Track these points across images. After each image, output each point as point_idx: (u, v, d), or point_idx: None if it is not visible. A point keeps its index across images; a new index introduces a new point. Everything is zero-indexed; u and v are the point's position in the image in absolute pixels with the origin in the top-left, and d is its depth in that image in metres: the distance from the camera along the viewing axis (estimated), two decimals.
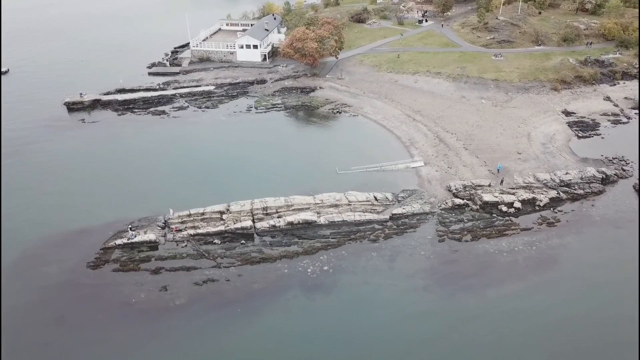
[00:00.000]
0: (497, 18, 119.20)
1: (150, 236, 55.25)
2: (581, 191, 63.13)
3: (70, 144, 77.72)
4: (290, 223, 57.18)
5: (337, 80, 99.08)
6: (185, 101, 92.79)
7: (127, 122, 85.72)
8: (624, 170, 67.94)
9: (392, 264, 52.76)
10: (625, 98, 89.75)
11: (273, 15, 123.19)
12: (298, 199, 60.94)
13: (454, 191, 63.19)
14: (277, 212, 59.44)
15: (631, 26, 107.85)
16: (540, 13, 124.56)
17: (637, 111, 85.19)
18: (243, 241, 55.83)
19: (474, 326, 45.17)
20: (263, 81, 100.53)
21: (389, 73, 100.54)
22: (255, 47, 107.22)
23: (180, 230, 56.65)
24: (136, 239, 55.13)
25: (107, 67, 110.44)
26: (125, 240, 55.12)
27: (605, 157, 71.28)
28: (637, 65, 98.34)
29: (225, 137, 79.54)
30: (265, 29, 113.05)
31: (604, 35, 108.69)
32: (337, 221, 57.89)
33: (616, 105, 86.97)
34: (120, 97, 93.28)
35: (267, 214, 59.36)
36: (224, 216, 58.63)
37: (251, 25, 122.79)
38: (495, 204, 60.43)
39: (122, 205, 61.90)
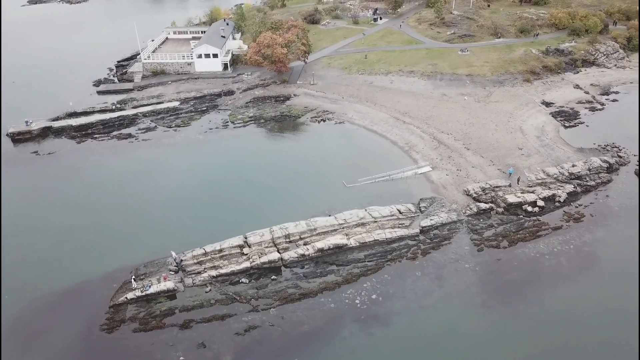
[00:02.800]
0: (451, 13, 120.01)
1: (168, 284, 47.97)
2: (592, 182, 63.64)
3: (28, 183, 66.92)
4: (321, 250, 52.25)
5: (310, 86, 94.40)
6: (151, 121, 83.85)
7: (91, 150, 75.68)
8: (620, 157, 69.57)
9: (440, 282, 49.57)
10: (592, 85, 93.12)
11: (225, 20, 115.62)
12: (320, 221, 56.00)
13: (474, 195, 61.23)
14: (300, 239, 54.19)
15: (578, 15, 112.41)
16: (489, 6, 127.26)
17: (607, 97, 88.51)
18: (274, 276, 50.15)
19: (551, 340, 43.06)
20: (231, 92, 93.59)
21: (361, 75, 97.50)
22: (215, 56, 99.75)
23: (174, 272, 49.94)
24: (151, 290, 47.63)
25: (47, 88, 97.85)
26: (138, 293, 47.44)
27: (599, 145, 72.79)
28: (594, 52, 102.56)
29: (210, 159, 72.37)
30: (222, 36, 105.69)
31: (555, 25, 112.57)
32: (369, 242, 53.76)
33: (587, 93, 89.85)
34: (74, 122, 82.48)
35: (290, 242, 53.92)
36: (245, 250, 52.44)
37: (202, 32, 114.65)
38: (519, 205, 59.17)
39: (116, 251, 53.72)
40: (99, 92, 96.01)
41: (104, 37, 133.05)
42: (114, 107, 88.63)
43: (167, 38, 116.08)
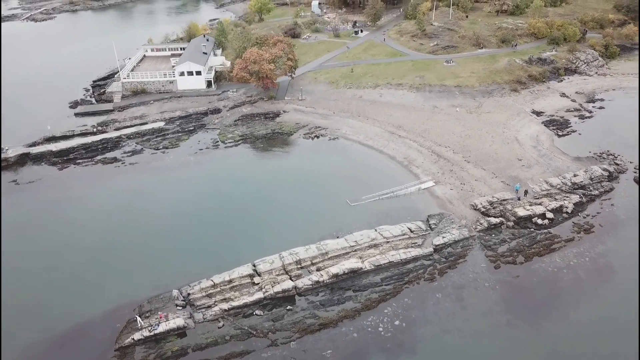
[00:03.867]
0: (432, 24, 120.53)
1: (178, 321, 44.69)
2: (596, 191, 63.61)
3: (10, 217, 62.09)
4: (335, 275, 49.95)
5: (298, 102, 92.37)
6: (137, 143, 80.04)
7: (75, 177, 71.37)
8: (617, 164, 70.04)
9: (462, 304, 47.95)
10: (577, 92, 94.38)
11: (204, 36, 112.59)
12: (331, 244, 53.74)
13: (482, 209, 60.20)
14: (312, 264, 51.78)
15: (555, 24, 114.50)
16: (467, 17, 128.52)
17: (593, 104, 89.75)
18: (289, 306, 47.49)
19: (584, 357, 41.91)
20: (217, 110, 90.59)
21: (349, 89, 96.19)
22: (198, 73, 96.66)
23: (182, 307, 46.88)
24: (159, 329, 44.25)
25: (20, 111, 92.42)
26: (145, 333, 43.97)
27: (594, 153, 73.23)
28: (575, 61, 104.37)
29: (205, 182, 69.18)
30: (204, 53, 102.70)
31: (535, 34, 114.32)
32: (384, 264, 51.78)
33: (574, 101, 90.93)
34: (53, 147, 77.91)
35: (302, 268, 51.44)
36: (256, 279, 49.59)
37: (182, 49, 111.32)
38: (528, 218, 58.40)
39: (115, 287, 50.14)
40: (76, 114, 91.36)
41: (74, 55, 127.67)
42: (95, 129, 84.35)
43: (144, 55, 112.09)
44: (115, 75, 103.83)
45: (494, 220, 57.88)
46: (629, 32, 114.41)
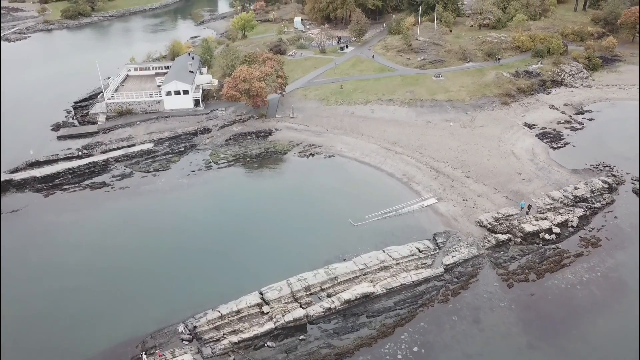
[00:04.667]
0: (417, 39, 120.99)
1: (186, 358, 42.07)
2: (598, 204, 63.54)
3: None
4: (347, 301, 48.09)
5: (290, 119, 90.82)
6: (125, 166, 77.11)
7: (62, 204, 68.00)
8: (614, 176, 70.31)
9: (480, 326, 46.61)
10: (565, 104, 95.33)
11: (189, 54, 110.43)
12: (339, 268, 51.90)
13: (488, 226, 59.34)
14: (322, 290, 49.82)
15: (538, 37, 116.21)
16: (451, 31, 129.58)
17: (583, 116, 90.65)
18: (302, 336, 45.37)
19: None
20: (207, 130, 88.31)
21: (340, 105, 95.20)
22: (186, 92, 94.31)
23: (189, 341, 44.37)
24: None
25: None
26: None
27: (591, 165, 73.48)
28: (560, 73, 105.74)
29: (200, 205, 66.69)
30: (190, 71, 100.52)
31: (519, 48, 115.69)
32: (395, 287, 50.18)
33: (563, 113, 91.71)
34: (37, 172, 74.37)
35: (311, 294, 49.41)
36: (265, 308, 47.33)
37: (166, 67, 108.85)
38: (536, 233, 57.73)
39: (115, 322, 47.36)
40: (59, 137, 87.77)
41: (52, 76, 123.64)
42: (80, 153, 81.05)
43: (127, 75, 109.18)
44: (99, 96, 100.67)
45: (501, 237, 56.99)
46: (608, 44, 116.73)
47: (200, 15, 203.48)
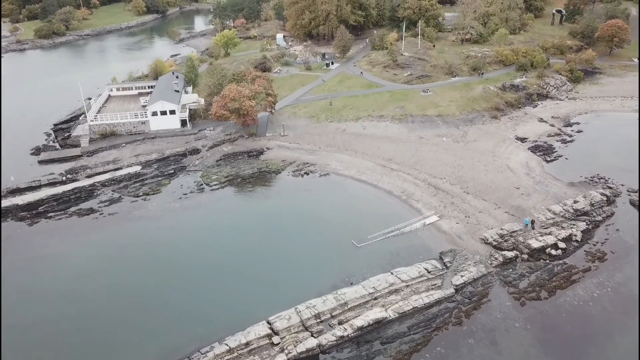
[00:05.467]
0: (402, 54, 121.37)
1: None
2: (599, 217, 63.53)
3: None
4: (360, 328, 46.26)
5: (281, 137, 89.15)
6: (113, 191, 74.01)
7: (48, 233, 64.47)
8: (610, 188, 70.65)
9: (497, 348, 45.37)
10: (553, 117, 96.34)
11: (173, 73, 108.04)
12: (349, 293, 50.10)
13: (493, 243, 58.54)
14: (332, 317, 47.88)
15: (521, 51, 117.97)
16: (434, 46, 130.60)
17: (571, 128, 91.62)
18: None
19: None
20: (196, 151, 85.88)
21: (330, 122, 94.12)
22: (172, 112, 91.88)
23: None
24: None
25: None
26: None
27: (586, 178, 73.78)
28: (545, 86, 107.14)
29: (195, 230, 64.14)
30: (176, 90, 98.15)
31: (502, 62, 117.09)
32: (408, 310, 48.63)
33: (552, 126, 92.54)
34: (19, 200, 70.74)
35: (322, 322, 47.41)
36: (275, 339, 45.09)
37: (150, 87, 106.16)
38: (542, 249, 57.14)
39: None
40: (40, 162, 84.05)
41: (28, 98, 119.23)
42: (64, 178, 77.60)
43: (109, 95, 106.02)
44: (80, 117, 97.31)
45: (509, 254, 56.18)
46: (588, 56, 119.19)
47: (177, 33, 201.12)
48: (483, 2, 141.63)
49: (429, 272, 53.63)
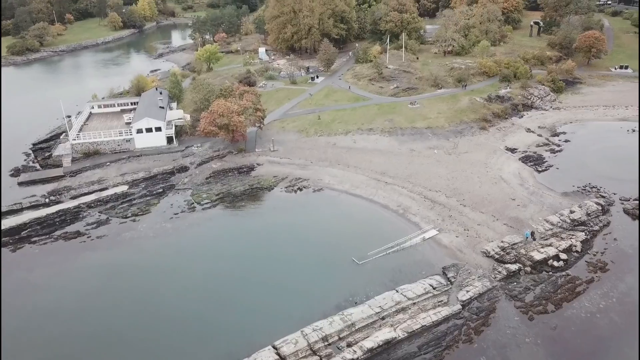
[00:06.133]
0: (387, 67, 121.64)
1: None
2: (596, 227, 63.77)
3: None
4: (370, 350, 44.83)
5: (271, 153, 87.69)
6: (100, 212, 71.25)
7: (33, 259, 61.43)
8: (603, 197, 71.21)
9: None
10: (539, 127, 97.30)
11: (157, 89, 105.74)
12: (355, 314, 48.70)
13: (495, 256, 58.02)
14: (340, 339, 46.36)
15: (503, 63, 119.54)
16: (418, 59, 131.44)
17: (559, 138, 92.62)
18: None
19: None
20: (184, 168, 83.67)
21: (320, 136, 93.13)
22: (158, 129, 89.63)
23: None
24: None
25: None
26: None
27: (578, 187, 74.25)
28: (529, 97, 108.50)
29: (190, 251, 61.97)
30: (161, 107, 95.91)
31: (486, 73, 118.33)
32: (417, 329, 47.43)
33: (540, 136, 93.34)
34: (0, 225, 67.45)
35: (329, 345, 45.83)
36: None
37: (133, 104, 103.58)
38: (544, 261, 56.84)
39: None
40: (21, 184, 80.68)
41: (2, 117, 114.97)
42: (47, 200, 74.45)
43: (90, 113, 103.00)
44: (61, 136, 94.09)
45: (512, 267, 55.70)
46: (568, 67, 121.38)
47: (155, 48, 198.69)
48: (463, 15, 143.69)
49: (434, 288, 52.65)
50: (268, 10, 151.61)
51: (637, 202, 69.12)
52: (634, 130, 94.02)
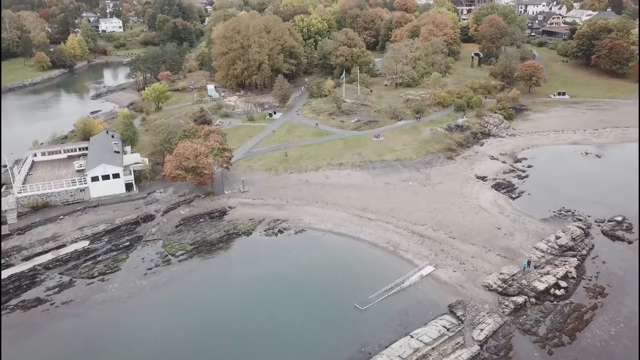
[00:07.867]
0: (345, 101, 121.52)
1: None
2: (584, 251, 64.82)
3: None
4: None
5: (242, 194, 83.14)
6: (61, 273, 63.33)
7: None
8: (579, 220, 73.12)
9: None
10: (501, 154, 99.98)
11: (107, 132, 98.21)
12: None
13: (498, 289, 57.03)
14: None
15: (455, 92, 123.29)
16: (371, 91, 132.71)
17: (522, 164, 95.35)
18: None
19: None
20: (150, 217, 77.12)
21: (290, 174, 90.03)
22: (116, 176, 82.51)
23: None
24: None
25: None
26: None
27: (554, 212, 75.97)
28: (485, 125, 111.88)
29: (172, 311, 56.02)
30: (116, 151, 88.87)
31: (440, 103, 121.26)
32: None
33: (504, 162, 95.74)
34: None
35: None
36: None
37: (81, 149, 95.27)
38: (546, 290, 56.48)
39: None
40: None
41: None
42: None
43: (33, 161, 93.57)
44: (2, 189, 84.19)
45: (518, 300, 54.77)
46: (514, 95, 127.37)
47: (88, 88, 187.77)
48: (408, 48, 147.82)
49: (447, 330, 50.38)
50: (215, 46, 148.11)
51: (613, 223, 71.48)
52: (587, 153, 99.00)
